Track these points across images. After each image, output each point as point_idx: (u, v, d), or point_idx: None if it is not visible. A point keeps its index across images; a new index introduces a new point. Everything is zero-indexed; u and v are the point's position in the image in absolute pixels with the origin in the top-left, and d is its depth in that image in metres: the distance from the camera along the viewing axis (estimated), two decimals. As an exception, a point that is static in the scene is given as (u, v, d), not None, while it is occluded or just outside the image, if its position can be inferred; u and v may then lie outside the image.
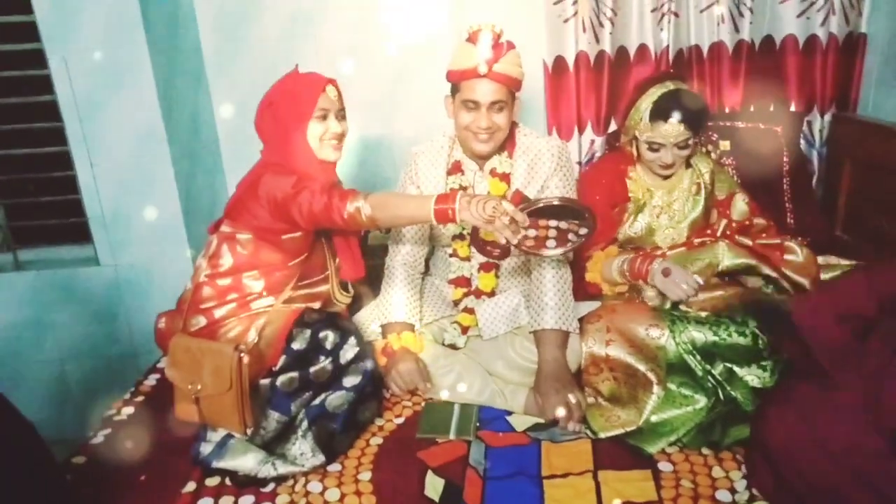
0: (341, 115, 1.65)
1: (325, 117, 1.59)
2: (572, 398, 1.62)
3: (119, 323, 2.37)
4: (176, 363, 1.52)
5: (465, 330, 1.88)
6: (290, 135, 1.58)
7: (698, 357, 1.65)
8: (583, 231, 1.58)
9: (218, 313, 1.57)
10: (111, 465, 1.53)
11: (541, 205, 1.58)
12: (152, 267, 2.29)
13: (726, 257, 1.82)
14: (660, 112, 1.75)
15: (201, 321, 1.57)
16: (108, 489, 1.45)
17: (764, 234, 1.90)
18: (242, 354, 1.45)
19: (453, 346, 1.86)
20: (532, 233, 1.58)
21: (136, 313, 2.33)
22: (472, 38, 1.68)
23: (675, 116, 1.73)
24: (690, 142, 1.77)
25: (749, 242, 1.86)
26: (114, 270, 2.31)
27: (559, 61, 2.34)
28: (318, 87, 1.59)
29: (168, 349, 1.54)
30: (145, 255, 2.28)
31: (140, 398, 1.81)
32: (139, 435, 1.60)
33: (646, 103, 1.78)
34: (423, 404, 1.73)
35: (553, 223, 1.59)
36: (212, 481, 1.48)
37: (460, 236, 1.88)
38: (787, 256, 1.84)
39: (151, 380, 1.89)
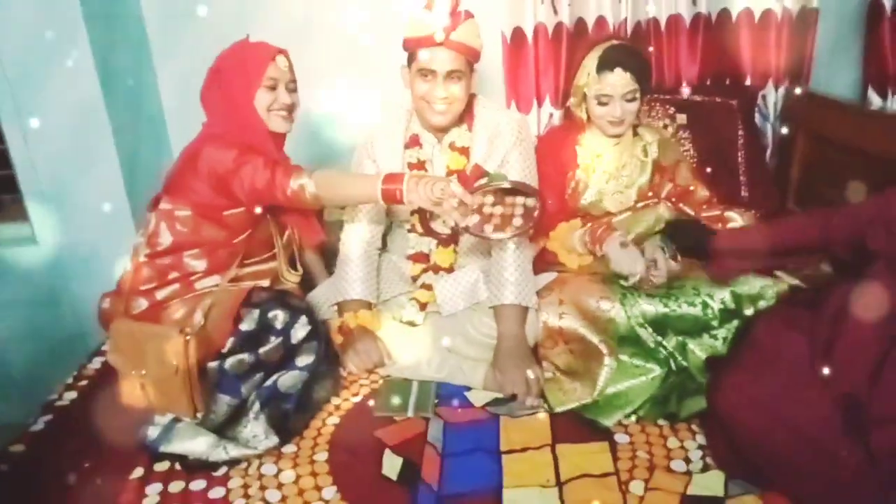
0: (292, 87, 1.60)
1: (274, 87, 1.54)
2: (531, 373, 1.62)
3: (62, 304, 2.27)
4: (118, 348, 1.46)
5: (423, 306, 1.85)
6: (237, 104, 1.53)
7: (650, 329, 1.67)
8: (529, 220, 1.56)
9: (160, 295, 1.51)
10: (53, 452, 1.46)
11: (490, 188, 1.56)
12: (95, 246, 2.19)
13: (667, 216, 1.88)
14: (606, 63, 1.76)
15: (143, 304, 1.51)
16: (51, 478, 1.39)
17: (705, 206, 1.93)
18: (188, 338, 1.40)
19: (411, 323, 1.84)
20: (498, 209, 1.57)
21: (79, 294, 2.23)
22: (428, 6, 1.63)
23: (621, 66, 1.75)
24: (637, 95, 1.79)
25: (690, 212, 1.90)
26: (53, 249, 2.20)
27: (517, 33, 2.30)
28: (268, 55, 1.53)
29: (110, 334, 1.48)
30: (87, 234, 2.18)
31: (84, 382, 1.74)
32: (82, 420, 1.54)
33: (592, 58, 1.79)
34: (380, 382, 1.70)
35: (520, 200, 1.57)
36: (160, 466, 1.43)
37: (419, 211, 1.84)
38: (729, 226, 1.87)
39: (96, 363, 1.81)
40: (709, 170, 2.14)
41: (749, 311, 1.66)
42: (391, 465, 1.42)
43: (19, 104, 2.02)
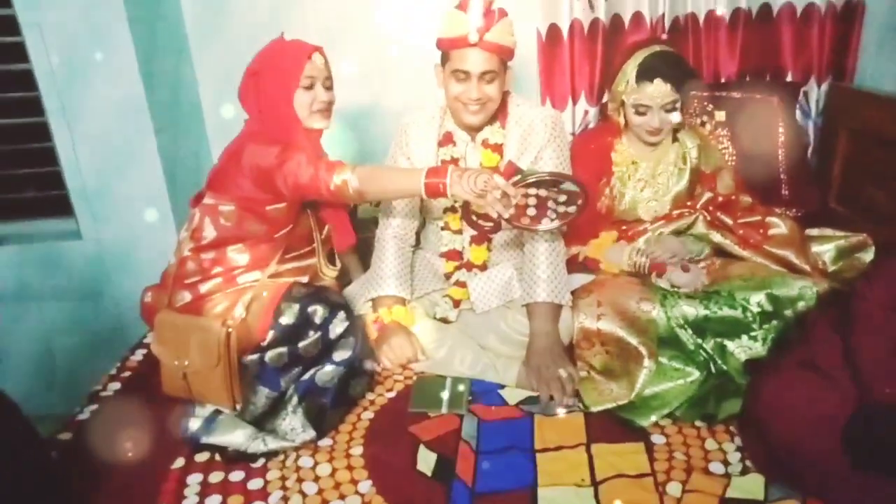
0: (328, 84, 1.61)
1: (311, 86, 1.56)
2: (563, 372, 1.61)
3: (104, 298, 2.33)
4: (162, 339, 1.49)
5: (456, 303, 1.85)
6: (276, 105, 1.54)
7: (689, 331, 1.65)
8: (573, 207, 1.55)
9: (203, 288, 1.54)
10: (98, 441, 1.50)
11: (532, 179, 1.55)
12: (136, 240, 2.24)
13: (699, 229, 1.85)
14: (645, 73, 1.73)
15: (186, 297, 1.54)
16: (96, 465, 1.43)
17: (748, 212, 1.90)
18: (230, 330, 1.43)
19: (445, 320, 1.84)
20: (533, 200, 1.55)
21: (121, 288, 2.29)
22: (462, 6, 1.62)
23: (661, 76, 1.71)
24: (678, 105, 1.75)
25: (729, 221, 1.86)
26: (97, 244, 2.26)
27: (553, 29, 2.28)
28: (304, 54, 1.54)
29: (154, 324, 1.51)
30: (129, 229, 2.23)
31: (127, 374, 1.78)
32: (126, 410, 1.58)
33: (632, 66, 1.76)
34: (414, 378, 1.71)
35: (553, 196, 1.56)
36: (201, 457, 1.46)
37: (452, 209, 1.84)
38: (772, 231, 1.85)
39: (138, 355, 1.85)
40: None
41: (788, 312, 1.63)
42: (426, 460, 1.42)
43: (65, 103, 2.08)
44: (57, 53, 2.02)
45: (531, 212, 1.55)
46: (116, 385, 1.73)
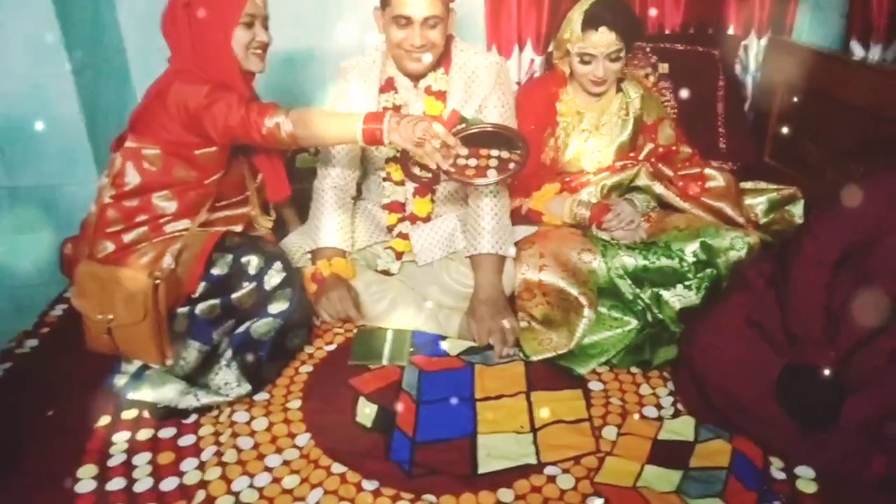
0: (266, 24, 1.52)
1: (251, 24, 1.47)
2: (506, 323, 1.62)
3: (21, 250, 2.18)
4: (83, 292, 1.41)
5: (398, 255, 1.82)
6: (211, 41, 1.45)
7: (629, 281, 1.68)
8: (514, 161, 1.52)
9: (127, 238, 1.45)
10: (14, 400, 1.42)
11: (474, 130, 1.51)
12: (56, 189, 2.10)
13: (642, 181, 1.85)
14: (591, 20, 1.70)
15: (109, 246, 1.45)
16: (13, 426, 1.35)
17: (687, 163, 1.91)
18: (157, 281, 1.35)
19: (386, 272, 1.81)
20: (473, 161, 1.52)
21: (39, 239, 2.15)
22: None
23: (606, 25, 1.69)
24: (622, 54, 1.74)
25: (670, 173, 1.88)
26: (11, 193, 2.10)
27: (499, -28, 2.22)
28: None
29: (74, 277, 1.42)
30: (46, 177, 2.08)
31: (45, 329, 1.68)
32: (45, 368, 1.49)
33: (577, 13, 1.73)
34: (355, 331, 1.68)
35: (494, 152, 1.53)
36: (128, 414, 1.40)
37: (394, 159, 1.79)
38: (709, 184, 1.88)
39: (58, 310, 1.76)
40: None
41: (721, 261, 1.67)
42: (365, 412, 1.41)
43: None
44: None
45: (491, 172, 1.51)
46: (34, 342, 1.64)
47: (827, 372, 1.29)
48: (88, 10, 2.10)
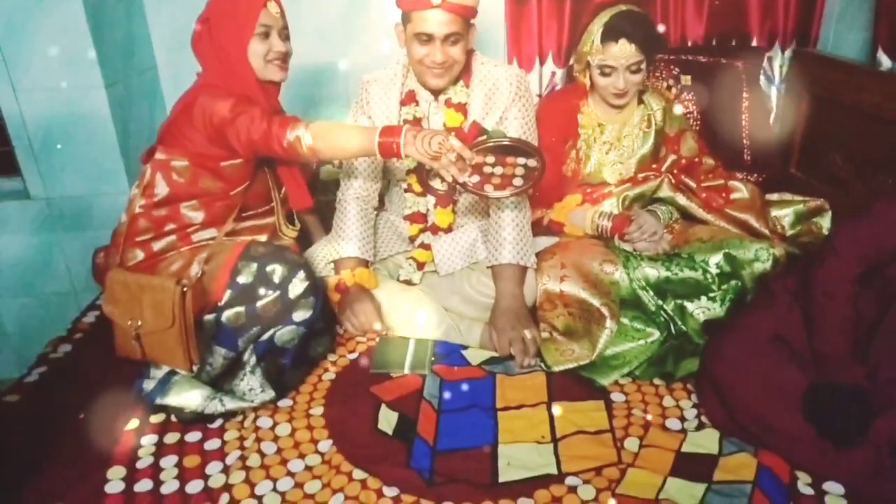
0: (284, 35, 1.56)
1: (267, 35, 1.50)
2: (527, 333, 1.62)
3: (55, 259, 2.24)
4: (114, 299, 1.44)
5: (420, 266, 1.84)
6: (229, 54, 1.49)
7: (651, 292, 1.67)
8: (529, 179, 1.53)
9: (156, 246, 1.49)
10: (48, 403, 1.46)
11: (490, 144, 1.52)
12: (88, 199, 2.16)
13: (665, 192, 1.85)
14: (610, 33, 1.70)
15: (139, 255, 1.49)
16: (45, 428, 1.39)
17: (710, 175, 1.90)
18: (185, 289, 1.38)
19: (408, 282, 1.83)
20: (499, 170, 1.54)
21: (72, 249, 2.21)
22: None
23: (626, 37, 1.69)
24: (643, 66, 1.74)
25: (693, 184, 1.87)
26: (46, 204, 2.17)
27: (521, -13, 2.24)
28: (259, 1, 1.47)
29: (105, 284, 1.46)
30: (80, 187, 2.15)
31: (78, 335, 1.73)
32: (77, 373, 1.53)
33: (597, 25, 1.74)
34: (377, 339, 1.70)
35: (521, 160, 1.54)
36: (156, 418, 1.43)
37: (415, 171, 1.81)
38: (733, 195, 1.87)
39: (90, 317, 1.80)
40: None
41: (745, 273, 1.65)
42: (387, 419, 1.42)
43: (7, 56, 1.98)
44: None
45: (496, 180, 1.52)
46: (67, 347, 1.68)
47: (855, 388, 1.27)
48: (121, 26, 2.17)
